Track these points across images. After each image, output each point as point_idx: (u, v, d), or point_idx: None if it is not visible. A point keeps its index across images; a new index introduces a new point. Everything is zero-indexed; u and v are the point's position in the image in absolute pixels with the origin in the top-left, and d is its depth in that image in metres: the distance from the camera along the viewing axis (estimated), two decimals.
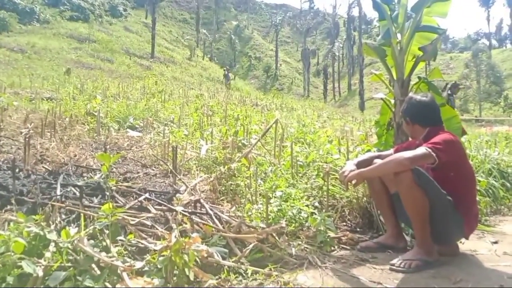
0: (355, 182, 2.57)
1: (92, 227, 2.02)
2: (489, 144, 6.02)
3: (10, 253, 1.65)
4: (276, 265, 2.21)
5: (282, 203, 2.96)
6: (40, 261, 1.70)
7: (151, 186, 3.41)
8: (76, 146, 4.70)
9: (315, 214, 2.84)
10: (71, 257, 1.77)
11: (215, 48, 62.85)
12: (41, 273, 1.63)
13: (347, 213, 3.20)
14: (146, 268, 1.87)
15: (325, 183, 3.22)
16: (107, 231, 1.99)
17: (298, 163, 3.98)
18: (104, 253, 1.84)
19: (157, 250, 1.91)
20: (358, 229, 3.07)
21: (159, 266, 1.83)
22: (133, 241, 2.10)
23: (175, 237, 1.94)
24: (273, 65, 60.82)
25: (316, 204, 3.17)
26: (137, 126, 7.02)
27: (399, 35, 3.80)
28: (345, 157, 4.06)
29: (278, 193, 3.16)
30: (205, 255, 1.96)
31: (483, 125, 23.93)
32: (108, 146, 4.92)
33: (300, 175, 3.79)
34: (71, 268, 1.71)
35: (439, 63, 49.75)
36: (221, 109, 9.61)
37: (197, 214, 2.64)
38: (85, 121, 6.75)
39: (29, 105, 8.02)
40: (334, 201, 3.26)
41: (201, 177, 3.64)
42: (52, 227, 2.04)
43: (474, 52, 49.45)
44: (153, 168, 4.24)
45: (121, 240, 2.03)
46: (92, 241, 1.95)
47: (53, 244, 1.79)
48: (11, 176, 2.82)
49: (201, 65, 43.41)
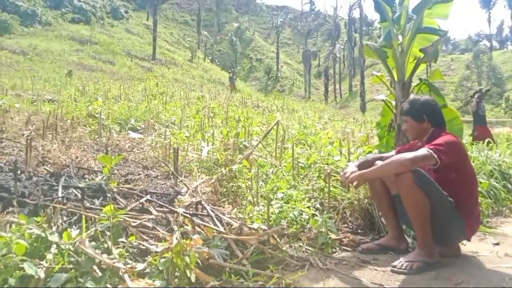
0: (356, 184, 2.57)
1: (94, 229, 2.02)
2: (491, 146, 6.02)
3: (12, 254, 1.65)
4: (278, 267, 2.21)
5: (283, 204, 2.96)
6: (42, 262, 1.70)
7: (152, 188, 3.41)
8: (77, 148, 4.71)
9: (317, 215, 2.84)
10: (72, 259, 1.77)
11: (216, 50, 62.91)
12: (42, 275, 1.63)
13: (348, 214, 3.20)
14: (148, 270, 1.87)
15: (326, 184, 3.22)
16: (108, 233, 1.99)
17: (299, 164, 3.98)
18: (105, 255, 1.84)
19: (158, 252, 1.91)
20: (360, 231, 3.07)
21: (160, 268, 1.83)
22: (135, 243, 2.11)
23: (176, 239, 1.95)
24: (274, 66, 60.86)
25: (318, 205, 3.17)
26: (138, 128, 7.02)
27: (400, 36, 3.80)
28: (346, 158, 4.06)
29: (279, 195, 3.16)
30: (207, 256, 1.96)
31: None
32: (110, 148, 4.92)
33: (301, 176, 3.79)
34: (73, 270, 1.71)
35: (440, 65, 49.68)
36: (222, 110, 9.62)
37: (199, 216, 2.64)
38: (86, 123, 6.76)
39: (31, 107, 8.04)
40: (335, 202, 3.26)
41: (202, 178, 3.65)
42: (54, 229, 2.05)
43: (475, 53, 49.45)
44: (154, 170, 4.24)
45: (122, 242, 2.04)
46: (93, 242, 1.95)
47: (54, 246, 1.79)
48: (13, 178, 2.83)
49: (202, 67, 43.47)
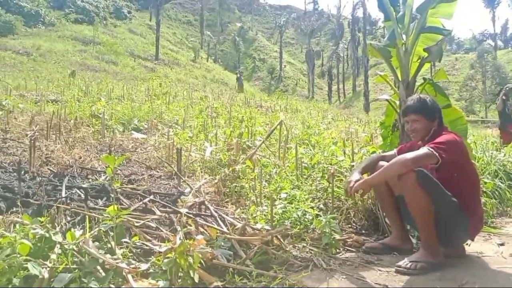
0: (362, 192, 2.55)
1: (97, 229, 2.02)
2: (495, 146, 5.99)
3: (16, 254, 1.66)
4: (281, 267, 2.20)
5: (287, 205, 2.95)
6: (46, 263, 1.70)
7: (155, 188, 3.41)
8: (81, 148, 4.72)
9: (320, 216, 2.83)
10: (76, 259, 1.77)
11: (219, 50, 62.99)
12: (46, 275, 1.64)
13: (352, 215, 3.18)
14: (151, 270, 1.87)
15: (330, 185, 3.21)
16: (112, 233, 1.99)
17: (303, 164, 3.97)
18: (109, 255, 1.84)
19: (162, 252, 1.91)
20: (364, 231, 3.06)
21: (164, 268, 1.83)
22: (138, 243, 2.11)
23: (179, 239, 1.94)
24: (277, 66, 60.86)
25: (321, 206, 3.16)
26: (141, 128, 7.03)
27: (404, 36, 3.78)
28: (350, 158, 4.04)
29: (283, 195, 3.15)
30: (210, 257, 1.96)
31: (489, 126, 23.77)
32: (113, 148, 4.93)
33: (305, 177, 3.78)
34: (76, 270, 1.71)
35: (444, 64, 49.56)
36: (226, 111, 9.61)
37: (202, 216, 2.64)
38: (90, 123, 6.77)
39: (35, 108, 8.07)
40: (339, 203, 3.25)
41: (205, 179, 3.64)
42: (58, 229, 2.05)
43: (480, 53, 49.22)
44: (157, 170, 4.24)
45: (126, 242, 2.04)
46: (97, 243, 1.95)
47: (58, 246, 1.80)
48: (16, 178, 2.84)
49: (205, 67, 43.55)
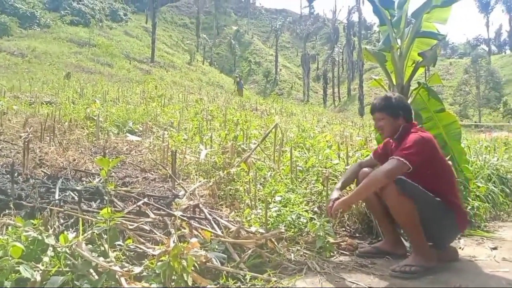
0: (341, 210, 2.62)
1: (91, 231, 2.01)
2: (489, 150, 6.02)
3: (8, 257, 1.65)
4: (275, 270, 2.20)
5: (281, 208, 2.96)
6: (38, 265, 1.70)
7: (150, 190, 3.40)
8: (75, 151, 4.69)
9: (314, 219, 2.84)
10: (69, 262, 1.76)
11: (215, 53, 62.97)
12: (39, 278, 1.63)
13: (346, 218, 3.19)
14: (144, 273, 1.87)
15: (325, 188, 3.21)
16: (105, 236, 1.99)
17: (298, 168, 3.98)
18: (102, 258, 1.83)
19: (155, 255, 1.90)
20: (357, 235, 3.07)
21: (157, 271, 1.82)
22: (132, 246, 2.10)
23: (173, 242, 1.94)
24: (273, 70, 60.92)
25: (316, 209, 3.17)
26: (136, 130, 7.01)
27: (399, 40, 3.81)
28: (345, 162, 4.06)
29: (277, 198, 3.16)
30: (204, 260, 1.96)
31: (482, 130, 23.94)
32: (107, 151, 4.91)
33: (300, 180, 3.78)
34: (69, 273, 1.70)
35: (439, 69, 49.87)
36: (221, 113, 9.61)
37: (196, 219, 2.63)
38: (84, 125, 6.74)
39: (29, 109, 8.02)
40: None
41: (200, 181, 3.64)
42: (51, 231, 2.04)
43: (474, 58, 49.55)
44: (152, 172, 4.23)
45: (119, 245, 2.03)
46: (90, 245, 1.94)
47: (51, 248, 1.79)
48: (10, 180, 2.82)
49: (201, 69, 43.52)
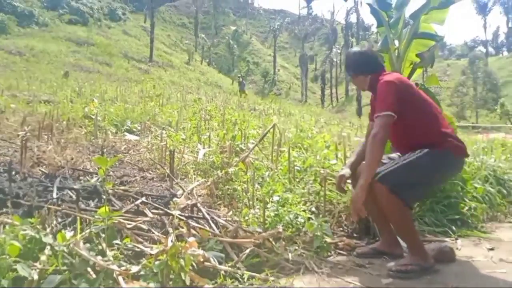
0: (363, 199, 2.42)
1: (88, 230, 2.01)
2: (486, 151, 6.04)
3: (5, 256, 1.64)
4: (273, 270, 2.20)
5: (279, 208, 2.96)
6: (36, 264, 1.69)
7: (148, 190, 3.39)
8: (73, 149, 4.68)
9: (312, 219, 2.84)
10: (66, 261, 1.76)
11: (213, 53, 62.96)
12: (36, 277, 1.62)
13: (344, 218, 3.20)
14: (142, 272, 1.86)
15: (322, 188, 3.22)
16: (103, 235, 1.98)
17: (296, 168, 3.98)
18: (100, 257, 1.83)
19: (153, 254, 1.90)
20: (355, 235, 3.07)
21: (155, 270, 1.82)
22: (129, 245, 2.09)
23: (171, 241, 1.94)
24: (271, 70, 60.98)
25: (313, 209, 3.17)
26: (134, 129, 7.00)
27: (396, 41, 3.82)
28: (342, 162, 4.06)
29: (275, 198, 3.16)
30: (202, 259, 1.96)
31: (479, 132, 23.99)
32: (105, 150, 4.90)
33: (297, 180, 3.79)
34: (67, 272, 1.70)
35: (436, 70, 50.00)
36: (219, 113, 9.61)
37: (194, 219, 2.63)
38: (82, 124, 6.73)
39: (27, 108, 7.99)
40: (331, 206, 3.26)
41: (198, 181, 3.64)
42: (48, 230, 2.04)
43: (471, 59, 49.76)
44: (150, 172, 4.22)
45: (117, 244, 2.02)
46: (88, 244, 1.93)
47: (48, 247, 1.78)
48: (7, 179, 2.80)
49: (199, 69, 43.51)
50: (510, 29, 71.92)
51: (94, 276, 1.72)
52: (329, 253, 2.63)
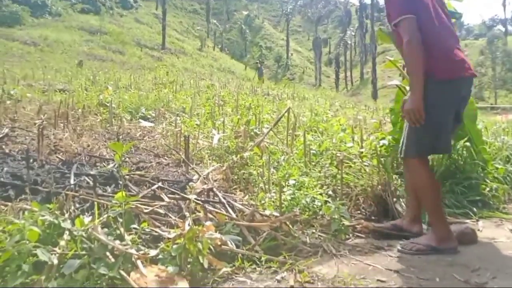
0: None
1: (106, 215, 2.02)
2: (507, 131, 5.89)
3: (25, 241, 1.66)
4: (290, 253, 2.19)
5: (296, 191, 2.93)
6: (55, 249, 1.70)
7: (164, 175, 3.40)
8: (89, 137, 4.72)
9: (329, 202, 2.81)
10: (85, 245, 1.77)
11: (225, 39, 62.62)
12: (56, 261, 1.63)
13: (361, 201, 3.16)
14: (160, 256, 1.87)
15: (339, 171, 3.18)
16: (120, 220, 1.99)
17: (311, 151, 3.94)
18: (118, 241, 1.84)
19: (171, 238, 1.90)
20: (373, 217, 3.03)
21: (173, 254, 1.82)
22: (147, 229, 2.10)
23: (188, 225, 1.94)
24: (284, 54, 60.47)
25: (330, 192, 3.13)
26: (149, 116, 7.02)
27: None
28: (359, 145, 4.00)
29: (291, 182, 3.13)
30: (219, 243, 1.95)
31: (498, 112, 23.44)
32: (121, 136, 4.93)
33: (313, 163, 3.75)
34: (86, 256, 1.71)
35: None
36: (233, 99, 9.57)
37: (210, 203, 2.63)
38: (97, 112, 6.78)
39: (42, 97, 8.09)
40: (348, 189, 3.22)
41: (213, 166, 3.63)
42: (66, 215, 2.05)
43: (490, 38, 48.45)
44: (165, 157, 4.24)
45: (135, 228, 2.03)
46: (106, 229, 1.94)
47: (67, 232, 1.80)
48: (25, 166, 2.84)
49: (211, 55, 43.38)
50: None
51: (113, 260, 1.73)
52: (347, 236, 2.60)
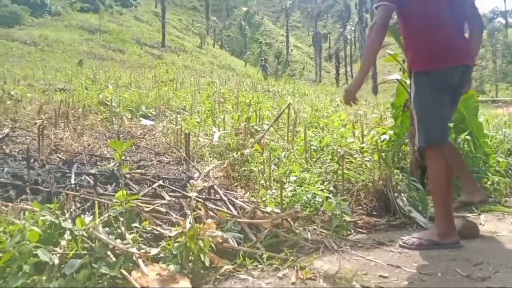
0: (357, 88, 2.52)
1: (107, 214, 2.01)
2: (508, 125, 5.88)
3: (26, 241, 1.65)
4: (292, 249, 2.18)
5: (297, 188, 2.93)
6: (56, 249, 1.70)
7: (164, 173, 3.40)
8: (89, 136, 4.73)
9: (330, 198, 2.80)
10: (86, 245, 1.77)
11: (225, 35, 62.42)
12: (57, 261, 1.63)
13: (362, 196, 3.15)
14: (162, 255, 1.87)
15: (340, 167, 3.17)
16: (121, 219, 1.99)
17: (312, 147, 3.94)
18: (119, 240, 1.84)
19: (172, 237, 1.90)
20: (375, 213, 3.02)
21: (174, 252, 1.82)
22: (148, 228, 2.10)
23: (189, 223, 1.93)
24: (284, 50, 60.23)
25: (331, 188, 3.13)
26: (149, 114, 7.03)
27: None
28: (360, 140, 4.00)
29: (292, 178, 3.13)
30: (220, 240, 1.95)
31: (499, 106, 23.34)
32: (122, 135, 4.93)
33: (314, 159, 3.75)
34: (87, 256, 1.71)
35: None
36: (233, 96, 9.56)
37: (211, 200, 2.62)
38: (98, 110, 6.78)
39: (43, 97, 8.09)
40: (349, 185, 3.21)
41: (214, 163, 3.63)
42: (67, 215, 2.04)
43: (490, 31, 48.19)
44: (166, 155, 4.23)
45: (136, 227, 2.03)
46: (107, 228, 1.94)
47: (68, 232, 1.79)
48: (26, 166, 2.84)
49: (211, 53, 43.25)
50: None
51: (114, 259, 1.73)
52: (348, 232, 2.59)
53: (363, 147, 3.77)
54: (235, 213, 2.46)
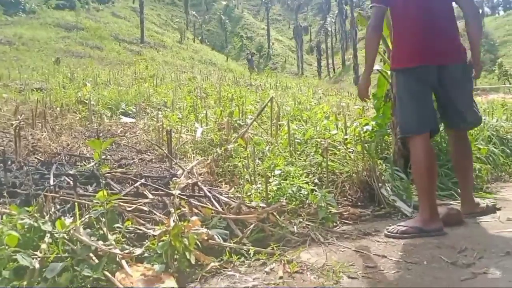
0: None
1: (88, 215, 1.96)
2: (487, 112, 5.98)
3: (4, 246, 1.60)
4: (279, 244, 2.17)
5: (282, 181, 2.91)
6: (36, 253, 1.65)
7: (147, 171, 3.34)
8: (68, 135, 4.62)
9: (315, 190, 2.80)
10: (67, 248, 1.72)
11: (205, 30, 62.01)
12: (37, 265, 1.59)
13: (347, 188, 3.15)
14: (146, 254, 1.84)
15: (324, 159, 3.17)
16: (103, 219, 1.94)
17: (296, 140, 3.93)
18: (101, 242, 1.79)
19: (156, 236, 1.86)
20: (360, 204, 3.03)
21: (159, 252, 1.79)
22: (131, 228, 2.06)
23: (173, 221, 1.90)
24: (265, 44, 60.20)
25: (316, 180, 3.13)
26: (129, 112, 6.92)
27: None
28: (343, 132, 4.00)
29: (277, 172, 3.11)
30: (206, 238, 1.92)
31: (478, 94, 23.77)
32: (101, 134, 4.84)
33: (298, 152, 3.74)
34: (69, 259, 1.67)
35: None
36: (215, 91, 9.49)
37: (195, 197, 2.59)
38: (76, 109, 6.65)
39: (19, 97, 7.90)
40: (334, 176, 3.21)
41: (197, 160, 3.59)
42: (47, 218, 1.98)
43: None
44: (148, 153, 4.17)
45: (118, 227, 1.98)
46: (88, 230, 1.90)
47: (48, 235, 1.74)
48: (2, 169, 2.75)
49: (192, 48, 42.92)
50: None
51: (97, 261, 1.69)
52: (334, 224, 2.59)
53: (346, 139, 3.78)
54: (220, 209, 2.43)
